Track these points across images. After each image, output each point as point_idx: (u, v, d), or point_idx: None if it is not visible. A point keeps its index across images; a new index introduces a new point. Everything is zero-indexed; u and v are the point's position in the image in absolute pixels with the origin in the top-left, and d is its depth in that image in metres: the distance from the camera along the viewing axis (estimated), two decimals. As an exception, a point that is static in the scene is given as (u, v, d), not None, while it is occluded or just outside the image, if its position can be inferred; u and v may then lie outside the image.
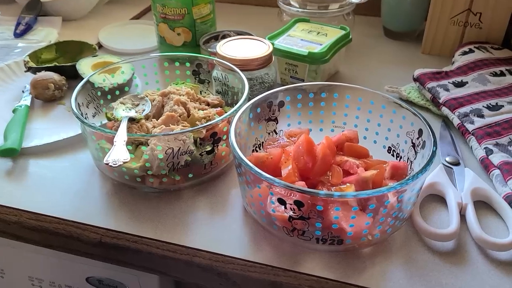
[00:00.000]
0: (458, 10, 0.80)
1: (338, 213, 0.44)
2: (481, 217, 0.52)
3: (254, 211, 0.50)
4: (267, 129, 0.59)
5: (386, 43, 0.93)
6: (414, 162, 0.52)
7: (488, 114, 0.63)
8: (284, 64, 0.75)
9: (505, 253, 0.48)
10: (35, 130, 0.67)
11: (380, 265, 0.47)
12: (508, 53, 0.76)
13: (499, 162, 0.56)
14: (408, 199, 0.46)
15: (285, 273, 0.47)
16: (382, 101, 0.56)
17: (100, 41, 0.93)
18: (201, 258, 0.49)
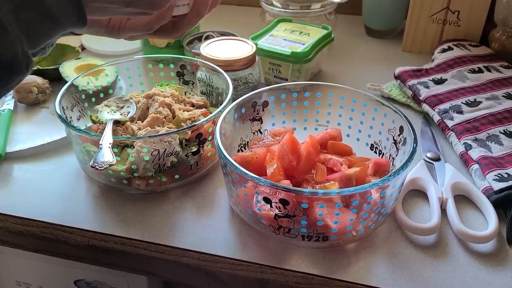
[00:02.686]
0: (437, 9, 0.82)
1: (322, 210, 0.45)
2: (461, 211, 0.53)
3: (240, 210, 0.50)
4: (252, 129, 0.59)
5: (367, 41, 0.94)
6: (396, 158, 0.53)
7: (467, 110, 0.65)
8: (267, 64, 0.75)
9: (485, 245, 0.49)
10: (19, 134, 0.67)
11: (364, 260, 0.48)
12: (485, 50, 0.78)
13: (477, 156, 0.58)
14: (390, 195, 0.47)
15: (272, 270, 0.47)
16: (364, 99, 0.57)
17: (83, 43, 0.93)
18: (189, 258, 0.49)
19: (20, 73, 0.34)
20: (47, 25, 0.35)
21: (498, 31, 0.79)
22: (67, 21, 0.35)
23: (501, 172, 0.55)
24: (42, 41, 0.36)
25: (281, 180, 0.49)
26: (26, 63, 0.34)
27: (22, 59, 0.33)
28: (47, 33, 0.36)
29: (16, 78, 0.34)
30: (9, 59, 0.32)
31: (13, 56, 0.32)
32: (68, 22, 0.36)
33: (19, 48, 0.32)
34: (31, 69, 0.35)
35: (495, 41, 0.79)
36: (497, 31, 0.80)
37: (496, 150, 0.58)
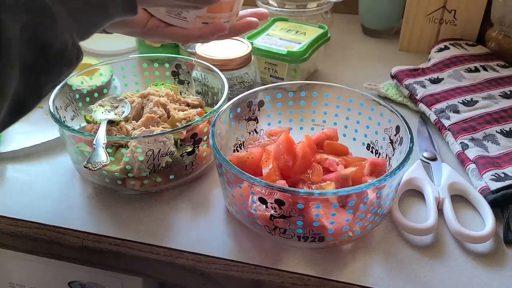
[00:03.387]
0: (433, 8, 0.82)
1: (318, 211, 0.44)
2: (458, 211, 0.53)
3: (236, 211, 0.50)
4: (247, 129, 0.59)
5: (364, 40, 0.94)
6: (392, 158, 0.53)
7: (463, 110, 0.65)
8: (263, 64, 0.75)
9: (481, 245, 0.49)
10: (12, 135, 0.66)
11: (360, 260, 0.48)
12: (482, 50, 0.78)
13: (474, 156, 0.57)
14: (386, 195, 0.47)
15: (268, 271, 0.47)
16: (360, 99, 0.57)
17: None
18: (184, 259, 0.49)
19: (70, 65, 0.33)
20: (97, 13, 0.34)
21: (495, 31, 0.79)
22: (117, 9, 0.35)
23: (497, 171, 0.55)
24: (91, 31, 0.35)
25: (277, 180, 0.48)
26: (76, 55, 0.33)
27: (72, 50, 0.32)
28: (96, 22, 0.35)
29: (67, 70, 0.33)
30: (60, 51, 0.31)
31: (64, 47, 0.31)
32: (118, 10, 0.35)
33: (69, 39, 0.31)
34: (81, 60, 0.34)
35: (492, 41, 0.79)
36: (493, 30, 0.80)
37: (493, 150, 0.58)
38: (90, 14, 0.33)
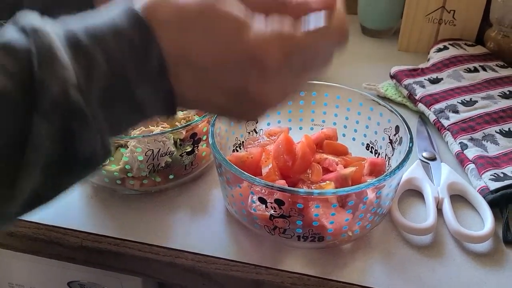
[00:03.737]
0: (432, 8, 0.82)
1: (318, 211, 0.44)
2: (457, 210, 0.53)
3: (235, 211, 0.50)
4: (247, 129, 0.59)
5: (363, 40, 0.94)
6: (392, 158, 0.53)
7: (462, 110, 0.65)
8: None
9: (481, 245, 0.49)
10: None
11: (360, 260, 0.48)
12: (481, 50, 0.78)
13: (473, 156, 0.57)
14: (386, 194, 0.47)
15: (267, 271, 0.47)
16: (359, 99, 0.56)
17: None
18: (183, 259, 0.49)
19: (95, 167, 0.30)
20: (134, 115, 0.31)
21: (494, 31, 0.79)
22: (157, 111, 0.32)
23: (497, 171, 0.55)
24: (124, 131, 0.32)
25: (276, 180, 0.48)
26: (103, 155, 0.30)
27: (100, 152, 0.29)
28: (132, 123, 0.32)
29: (90, 171, 0.31)
30: (88, 155, 0.28)
31: (92, 152, 0.29)
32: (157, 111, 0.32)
33: (98, 142, 0.29)
34: (108, 159, 0.32)
35: (491, 41, 0.79)
36: (492, 30, 0.80)
37: (492, 150, 0.58)
38: (127, 115, 0.31)
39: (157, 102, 0.30)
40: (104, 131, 0.29)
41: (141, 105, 0.30)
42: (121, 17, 0.29)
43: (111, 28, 0.28)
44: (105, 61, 0.28)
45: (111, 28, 0.28)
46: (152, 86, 0.29)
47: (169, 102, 0.31)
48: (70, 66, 0.26)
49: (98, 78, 0.27)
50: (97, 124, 0.28)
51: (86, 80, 0.27)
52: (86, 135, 0.27)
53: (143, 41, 0.28)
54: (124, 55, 0.28)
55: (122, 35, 0.28)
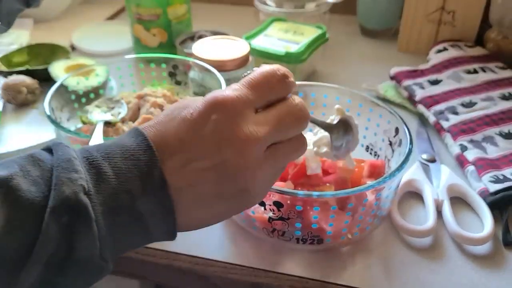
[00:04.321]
0: (432, 9, 0.82)
1: (317, 213, 0.44)
2: (457, 212, 0.53)
3: (233, 213, 0.49)
4: (245, 130, 0.58)
5: (362, 41, 0.93)
6: (392, 160, 0.53)
7: (462, 111, 0.64)
8: (261, 64, 0.74)
9: (481, 247, 0.49)
10: (8, 136, 0.66)
11: (359, 263, 0.48)
12: (480, 51, 0.77)
13: (473, 158, 0.57)
14: (386, 197, 0.47)
15: (266, 274, 0.47)
16: (359, 100, 0.56)
17: (74, 43, 0.91)
18: (181, 262, 0.48)
19: (91, 276, 0.31)
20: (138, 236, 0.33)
21: (493, 32, 0.79)
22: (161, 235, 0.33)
23: (496, 173, 0.54)
24: (126, 250, 0.33)
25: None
26: (101, 268, 0.31)
27: (97, 261, 0.30)
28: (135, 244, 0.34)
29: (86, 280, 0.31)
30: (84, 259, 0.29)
31: (89, 257, 0.30)
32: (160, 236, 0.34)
33: (97, 250, 0.30)
34: (105, 275, 0.32)
35: (491, 42, 0.79)
36: (492, 31, 0.79)
37: (492, 152, 0.58)
38: (130, 229, 0.32)
39: (159, 216, 0.32)
40: (105, 242, 0.30)
41: (144, 221, 0.32)
42: (129, 138, 0.33)
43: (119, 146, 0.32)
44: (113, 174, 0.31)
45: (119, 146, 0.32)
46: (153, 198, 0.31)
47: (171, 216, 0.32)
48: (83, 174, 0.30)
49: (105, 188, 0.30)
50: (99, 230, 0.29)
51: (95, 187, 0.30)
52: (87, 237, 0.29)
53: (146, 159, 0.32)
54: (130, 170, 0.31)
55: (129, 153, 0.32)
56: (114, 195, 0.30)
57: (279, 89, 0.36)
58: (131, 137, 0.33)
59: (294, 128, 0.36)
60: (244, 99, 0.34)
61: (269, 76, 0.35)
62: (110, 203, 0.30)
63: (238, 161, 0.32)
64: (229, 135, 0.32)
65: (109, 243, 0.30)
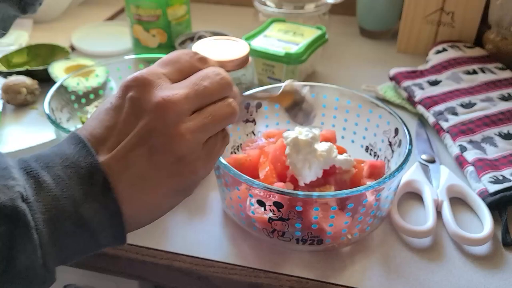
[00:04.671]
0: (431, 10, 0.82)
1: (317, 213, 0.44)
2: (457, 213, 0.53)
3: (233, 213, 0.50)
4: (245, 131, 0.59)
5: (362, 42, 0.94)
6: (391, 160, 0.53)
7: (461, 112, 0.64)
8: (261, 65, 0.74)
9: (480, 248, 0.49)
10: (8, 136, 0.66)
11: (359, 263, 0.48)
12: (480, 52, 0.78)
13: (472, 159, 0.57)
14: (385, 197, 0.47)
15: (266, 274, 0.47)
16: (358, 101, 0.56)
17: (73, 43, 0.91)
18: (181, 262, 0.48)
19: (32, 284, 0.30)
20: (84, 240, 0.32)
21: (492, 33, 0.79)
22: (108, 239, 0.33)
23: (496, 174, 0.54)
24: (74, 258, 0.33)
25: (275, 182, 0.48)
26: (44, 278, 0.30)
27: (40, 271, 0.29)
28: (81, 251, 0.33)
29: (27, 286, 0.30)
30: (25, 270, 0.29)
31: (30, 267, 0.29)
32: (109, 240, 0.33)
33: (39, 259, 0.29)
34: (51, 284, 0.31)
35: (490, 43, 0.79)
36: (491, 32, 0.80)
37: (491, 152, 0.58)
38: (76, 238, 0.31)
39: (105, 221, 0.31)
40: (48, 251, 0.29)
41: (91, 227, 0.31)
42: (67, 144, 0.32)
43: (58, 155, 0.32)
44: (53, 182, 0.30)
45: (59, 155, 0.32)
46: (98, 203, 0.31)
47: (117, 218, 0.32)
48: (20, 181, 0.29)
49: (46, 196, 0.30)
50: (40, 238, 0.29)
51: (34, 196, 0.29)
52: (27, 246, 0.28)
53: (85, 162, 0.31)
54: (70, 177, 0.31)
55: (68, 159, 0.31)
56: (55, 203, 0.30)
57: (189, 62, 0.36)
58: (70, 144, 0.32)
59: (215, 90, 0.35)
60: (155, 72, 0.34)
61: (178, 53, 0.37)
62: (51, 210, 0.29)
63: (159, 126, 0.32)
64: (144, 104, 0.33)
65: (52, 251, 0.30)
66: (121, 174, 0.32)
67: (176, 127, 0.33)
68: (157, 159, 0.33)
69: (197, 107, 0.34)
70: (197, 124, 0.34)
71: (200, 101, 0.34)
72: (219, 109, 0.35)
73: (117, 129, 0.33)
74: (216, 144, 0.36)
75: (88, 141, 0.32)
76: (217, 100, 0.35)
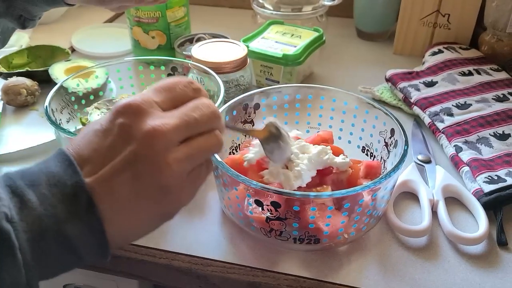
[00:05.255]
0: (427, 12, 0.83)
1: (314, 213, 0.45)
2: (452, 213, 0.53)
3: (232, 213, 0.50)
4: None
5: (359, 44, 0.94)
6: (387, 161, 0.53)
7: (457, 113, 0.65)
8: (259, 66, 0.75)
9: (475, 247, 0.50)
10: (8, 137, 0.66)
11: (356, 262, 0.48)
12: (475, 53, 0.78)
13: (468, 159, 0.58)
14: (381, 197, 0.47)
15: (264, 273, 0.47)
16: (355, 102, 0.57)
17: (73, 45, 0.92)
18: (180, 262, 0.49)
19: None
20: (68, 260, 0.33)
21: (488, 34, 0.80)
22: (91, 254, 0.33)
23: (491, 174, 0.55)
24: (57, 273, 0.33)
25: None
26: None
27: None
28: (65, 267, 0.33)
29: None
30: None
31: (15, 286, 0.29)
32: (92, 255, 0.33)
33: (23, 278, 0.29)
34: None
35: (485, 44, 0.80)
36: (486, 34, 0.80)
37: (486, 153, 0.59)
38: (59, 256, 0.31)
39: (89, 239, 0.32)
40: (31, 270, 0.30)
41: (74, 245, 0.31)
42: (54, 161, 0.33)
43: (44, 172, 0.32)
44: (37, 200, 0.30)
45: (45, 173, 0.32)
46: (81, 222, 0.31)
47: (101, 238, 0.32)
48: (5, 201, 0.29)
49: (30, 215, 0.30)
50: (24, 258, 0.29)
51: (18, 215, 0.30)
52: (11, 266, 0.29)
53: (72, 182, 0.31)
54: (55, 195, 0.31)
55: (54, 178, 0.32)
56: (39, 221, 0.30)
57: (183, 91, 0.37)
58: (57, 161, 0.33)
59: (204, 122, 0.36)
60: (148, 100, 0.35)
61: (174, 81, 0.37)
62: (35, 229, 0.30)
63: (147, 154, 0.33)
64: (134, 132, 0.33)
65: (35, 270, 0.30)
66: (104, 196, 0.32)
67: (163, 156, 0.33)
68: (141, 186, 0.33)
69: (185, 138, 0.35)
70: (184, 154, 0.34)
71: (189, 132, 0.35)
72: (206, 141, 0.36)
73: (103, 152, 0.33)
74: (201, 174, 0.37)
75: (74, 160, 0.33)
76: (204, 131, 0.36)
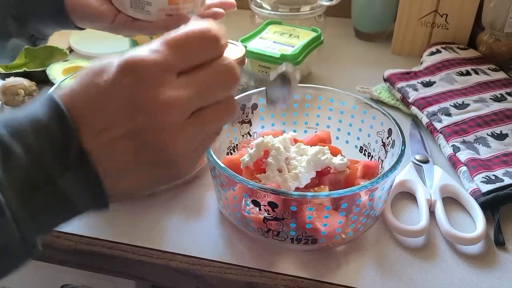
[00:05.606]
0: (425, 12, 0.83)
1: (311, 213, 0.45)
2: (450, 213, 0.53)
3: (229, 213, 0.50)
4: (241, 132, 0.59)
5: (357, 44, 0.94)
6: (385, 161, 0.53)
7: (455, 113, 0.65)
8: (257, 67, 0.75)
9: (472, 247, 0.50)
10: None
11: (353, 262, 0.48)
12: (473, 53, 0.78)
13: (465, 159, 0.58)
14: (379, 197, 0.47)
15: (261, 273, 0.47)
16: (353, 102, 0.57)
17: (71, 45, 0.92)
18: (177, 262, 0.49)
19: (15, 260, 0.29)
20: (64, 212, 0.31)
21: (486, 34, 0.80)
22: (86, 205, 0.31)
23: (488, 174, 0.55)
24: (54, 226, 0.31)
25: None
26: (25, 250, 0.29)
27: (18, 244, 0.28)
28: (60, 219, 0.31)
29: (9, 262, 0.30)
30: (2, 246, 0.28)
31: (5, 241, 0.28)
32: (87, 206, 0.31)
33: (14, 232, 0.28)
34: (36, 255, 0.30)
35: (483, 44, 0.80)
36: (484, 34, 0.80)
37: (484, 152, 0.59)
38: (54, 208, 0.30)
39: (85, 191, 0.30)
40: (24, 224, 0.28)
41: (68, 196, 0.29)
42: (41, 108, 0.29)
43: (30, 119, 0.29)
44: (24, 153, 0.28)
45: (31, 120, 0.29)
46: (75, 174, 0.29)
47: (98, 189, 0.30)
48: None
49: (16, 169, 0.28)
50: (13, 213, 0.27)
51: (3, 170, 0.27)
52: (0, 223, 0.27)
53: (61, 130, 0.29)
54: (43, 146, 0.28)
55: (41, 126, 0.29)
56: (27, 174, 0.28)
57: (206, 52, 0.32)
58: (43, 106, 0.29)
59: (221, 91, 0.33)
60: (162, 62, 0.30)
61: (197, 39, 0.32)
62: (23, 183, 0.28)
63: (154, 127, 0.30)
64: (142, 101, 0.30)
65: (29, 224, 0.28)
66: (101, 158, 0.30)
67: (171, 133, 0.30)
68: (143, 158, 0.31)
69: (198, 108, 0.32)
70: (196, 130, 0.32)
71: (205, 103, 0.32)
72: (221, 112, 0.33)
73: (104, 114, 0.30)
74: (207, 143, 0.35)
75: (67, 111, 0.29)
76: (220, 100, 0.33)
